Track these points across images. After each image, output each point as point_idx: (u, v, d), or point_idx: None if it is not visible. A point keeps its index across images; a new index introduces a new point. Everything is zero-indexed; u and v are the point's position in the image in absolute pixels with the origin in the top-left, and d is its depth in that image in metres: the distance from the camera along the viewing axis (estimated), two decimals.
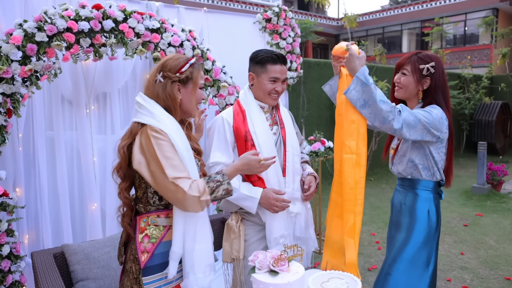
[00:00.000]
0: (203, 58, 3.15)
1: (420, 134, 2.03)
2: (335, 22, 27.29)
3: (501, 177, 7.26)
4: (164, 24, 2.97)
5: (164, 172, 1.58)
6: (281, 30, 4.10)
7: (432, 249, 2.16)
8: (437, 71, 2.13)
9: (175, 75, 1.75)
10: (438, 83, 2.13)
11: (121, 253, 1.87)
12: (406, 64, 2.18)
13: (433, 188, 2.19)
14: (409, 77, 2.16)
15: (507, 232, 5.32)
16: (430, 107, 2.11)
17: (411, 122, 1.98)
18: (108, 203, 3.26)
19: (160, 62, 1.79)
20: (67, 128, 3.18)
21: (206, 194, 1.64)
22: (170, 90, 1.74)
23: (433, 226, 2.16)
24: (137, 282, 1.73)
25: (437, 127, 2.04)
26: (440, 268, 4.23)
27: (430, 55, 2.17)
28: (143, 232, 1.74)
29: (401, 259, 2.12)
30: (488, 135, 11.30)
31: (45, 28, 2.46)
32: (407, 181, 2.23)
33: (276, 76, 2.19)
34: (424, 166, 2.15)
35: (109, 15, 2.70)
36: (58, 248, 2.66)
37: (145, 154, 1.62)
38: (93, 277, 2.53)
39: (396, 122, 1.95)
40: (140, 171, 1.63)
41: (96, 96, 3.26)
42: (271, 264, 1.57)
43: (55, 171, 3.09)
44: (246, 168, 1.81)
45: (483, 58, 19.92)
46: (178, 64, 1.76)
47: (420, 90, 2.17)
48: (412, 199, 2.20)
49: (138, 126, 1.70)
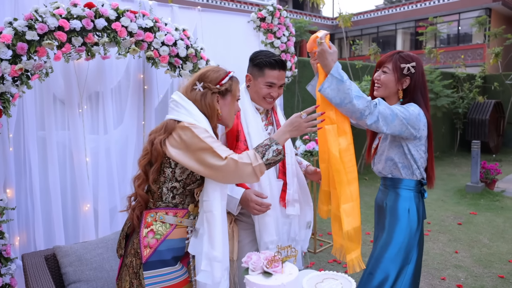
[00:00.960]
0: (196, 57, 3.12)
1: (398, 129, 2.02)
2: (330, 22, 27.31)
3: (494, 175, 7.31)
4: (157, 23, 2.94)
5: (217, 154, 1.65)
6: (276, 29, 4.08)
7: (413, 248, 2.14)
8: (417, 71, 2.14)
9: (215, 87, 1.83)
10: (418, 83, 2.14)
11: (121, 246, 1.88)
12: (387, 62, 2.18)
13: (414, 187, 2.18)
14: (389, 75, 2.16)
15: (500, 230, 5.35)
16: (408, 105, 2.11)
17: (388, 116, 1.98)
18: (101, 204, 3.23)
19: (200, 72, 1.87)
20: (59, 128, 3.14)
21: (258, 159, 1.69)
22: (210, 100, 1.82)
23: (413, 226, 2.14)
24: (137, 277, 1.73)
25: (414, 123, 2.04)
26: (435, 266, 4.24)
27: (411, 55, 2.18)
28: (149, 227, 1.76)
29: (383, 259, 2.12)
30: (482, 134, 11.37)
31: (36, 26, 2.42)
32: (388, 180, 2.23)
33: (272, 82, 2.16)
34: (403, 165, 2.14)
35: (102, 13, 2.67)
36: (49, 250, 2.63)
37: (187, 146, 1.69)
38: (86, 279, 2.50)
39: (371, 116, 1.94)
40: (184, 162, 1.69)
41: (89, 96, 3.23)
42: (264, 266, 1.56)
43: (47, 172, 3.06)
44: (293, 128, 1.83)
45: (476, 57, 20.02)
46: (219, 77, 1.84)
47: (399, 89, 2.17)
48: (393, 198, 2.19)
49: (175, 123, 1.76)
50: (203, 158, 1.67)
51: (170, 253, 1.76)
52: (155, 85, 3.49)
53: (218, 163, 1.65)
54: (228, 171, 1.66)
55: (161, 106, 3.65)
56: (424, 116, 2.10)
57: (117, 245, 1.92)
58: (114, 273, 2.60)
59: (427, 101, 2.18)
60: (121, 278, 1.83)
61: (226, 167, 1.65)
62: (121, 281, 1.83)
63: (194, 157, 1.68)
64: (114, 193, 3.30)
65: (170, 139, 1.74)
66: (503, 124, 12.34)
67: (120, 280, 1.85)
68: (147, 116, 3.47)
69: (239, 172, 1.66)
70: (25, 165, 2.97)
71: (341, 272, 1.78)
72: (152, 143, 1.77)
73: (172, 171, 1.77)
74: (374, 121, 1.95)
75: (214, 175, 1.69)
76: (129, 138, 3.40)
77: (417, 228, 2.15)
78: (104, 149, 3.23)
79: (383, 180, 2.29)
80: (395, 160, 2.15)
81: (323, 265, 4.30)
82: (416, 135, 2.07)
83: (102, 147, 3.23)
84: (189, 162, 1.69)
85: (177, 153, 1.70)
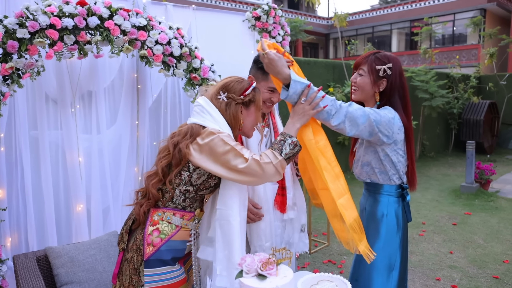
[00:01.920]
0: (191, 56, 3.09)
1: (366, 132, 1.94)
2: (325, 21, 27.35)
3: (489, 176, 7.34)
4: (151, 22, 2.91)
5: (240, 155, 1.68)
6: (271, 29, 4.05)
7: (395, 253, 2.08)
8: (394, 72, 2.05)
9: (240, 98, 1.85)
10: (395, 85, 2.06)
11: (124, 240, 1.87)
12: (363, 64, 2.10)
13: (394, 192, 2.10)
14: (365, 78, 2.08)
15: (494, 231, 5.36)
16: (382, 108, 2.04)
17: (358, 118, 1.89)
18: (94, 204, 3.20)
19: (224, 82, 1.89)
20: (52, 128, 3.10)
21: (277, 156, 1.72)
22: (234, 111, 1.85)
23: (392, 231, 2.07)
24: (137, 273, 1.75)
25: (385, 128, 1.95)
26: (429, 267, 4.24)
27: (388, 55, 2.09)
28: (155, 225, 1.77)
29: (365, 265, 2.05)
30: (476, 134, 11.41)
31: (27, 24, 2.38)
32: (368, 185, 2.17)
33: (275, 87, 2.10)
34: (380, 170, 2.07)
35: (94, 11, 2.63)
36: (41, 251, 2.61)
37: (212, 150, 1.71)
38: (78, 281, 2.48)
39: (337, 116, 1.87)
40: (207, 167, 1.72)
41: (82, 95, 3.19)
42: (259, 268, 1.53)
43: (39, 172, 3.02)
44: (300, 116, 1.82)
45: (471, 58, 20.10)
46: (243, 87, 1.87)
47: (376, 91, 2.09)
48: (371, 203, 2.14)
49: (200, 128, 1.78)
50: (227, 161, 1.69)
51: (170, 254, 1.77)
52: (148, 85, 3.46)
53: (241, 165, 1.67)
54: (251, 173, 1.68)
55: (155, 106, 3.62)
56: (400, 120, 2.01)
57: (119, 238, 1.92)
58: (106, 274, 2.58)
59: (407, 103, 2.09)
60: (122, 272, 1.85)
61: (250, 169, 1.67)
62: (122, 275, 1.85)
63: (218, 161, 1.71)
64: (107, 193, 3.27)
65: (194, 144, 1.75)
66: (498, 124, 12.40)
67: (121, 274, 1.86)
68: (140, 115, 3.44)
69: (263, 172, 1.69)
70: (17, 165, 2.93)
71: (336, 272, 1.76)
72: (175, 146, 1.78)
73: (189, 175, 1.78)
74: (339, 122, 1.88)
75: (238, 178, 1.71)
76: (123, 138, 3.37)
77: (396, 233, 2.08)
78: (97, 149, 3.19)
79: (364, 184, 2.22)
80: (372, 165, 2.08)
81: (318, 266, 4.29)
82: (385, 140, 1.99)
83: (95, 147, 3.19)
84: (213, 166, 1.71)
85: (200, 158, 1.73)
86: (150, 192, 1.79)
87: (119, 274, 1.87)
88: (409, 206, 2.19)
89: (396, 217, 2.09)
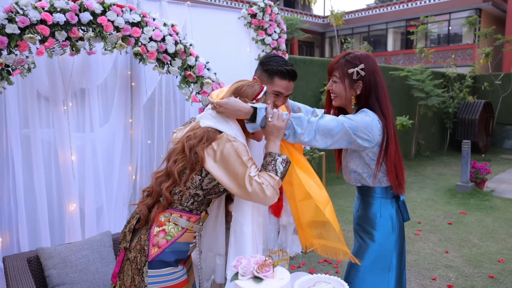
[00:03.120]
0: (186, 53, 3.04)
1: (344, 142, 1.89)
2: (321, 20, 27.34)
3: (484, 175, 7.34)
4: (145, 18, 2.86)
5: (248, 168, 1.69)
6: (267, 26, 4.01)
7: (390, 254, 2.04)
8: (367, 72, 1.97)
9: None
10: (370, 85, 1.97)
11: (127, 239, 1.84)
12: (335, 69, 2.03)
13: (385, 194, 2.06)
14: (339, 84, 2.01)
15: (490, 230, 5.36)
16: (359, 112, 1.97)
17: (333, 129, 1.85)
18: (87, 204, 3.15)
19: (235, 87, 1.89)
20: (44, 126, 3.05)
21: (273, 177, 1.73)
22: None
23: (387, 232, 2.03)
24: (140, 273, 1.73)
25: (364, 132, 1.89)
26: (425, 266, 4.22)
27: (358, 56, 2.00)
28: (161, 226, 1.76)
29: (359, 267, 2.02)
30: (471, 134, 11.43)
31: (17, 19, 2.33)
32: (360, 188, 2.12)
33: (280, 91, 2.06)
34: (368, 174, 2.02)
35: (87, 7, 2.58)
36: (32, 252, 2.55)
37: (225, 161, 1.71)
38: (70, 282, 2.43)
39: (306, 134, 1.84)
40: (217, 175, 1.72)
41: (74, 93, 3.14)
42: (255, 270, 1.49)
43: (32, 171, 2.97)
44: (275, 134, 1.83)
45: (466, 57, 20.16)
46: (254, 92, 1.88)
47: (353, 95, 2.02)
48: (364, 206, 2.09)
49: (216, 133, 1.78)
50: (236, 175, 1.70)
51: (174, 256, 1.76)
52: (143, 82, 3.41)
53: (248, 186, 1.67)
54: (254, 196, 1.69)
55: (149, 104, 3.57)
56: (379, 121, 1.94)
57: (121, 237, 1.89)
58: (99, 275, 2.53)
59: (384, 102, 1.99)
60: (123, 272, 1.83)
61: (254, 193, 1.68)
62: (123, 275, 1.82)
63: (228, 173, 1.71)
64: (100, 192, 3.22)
65: (208, 149, 1.74)
66: (492, 124, 12.44)
67: (122, 274, 1.84)
68: (134, 114, 3.39)
69: (265, 196, 1.69)
70: (8, 164, 2.88)
71: (332, 272, 1.73)
72: (190, 149, 1.76)
73: (201, 180, 1.78)
74: (310, 138, 1.85)
75: (241, 194, 1.72)
76: (116, 137, 3.32)
77: (391, 234, 2.04)
78: (90, 148, 3.14)
79: (356, 188, 2.17)
80: (359, 171, 2.03)
81: (313, 265, 4.25)
82: (366, 145, 1.92)
83: (88, 146, 3.14)
84: (223, 177, 1.72)
85: (213, 166, 1.73)
86: (164, 195, 1.77)
87: (120, 273, 1.85)
88: (405, 205, 2.13)
89: (390, 218, 2.05)
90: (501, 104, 12.46)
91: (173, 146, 1.89)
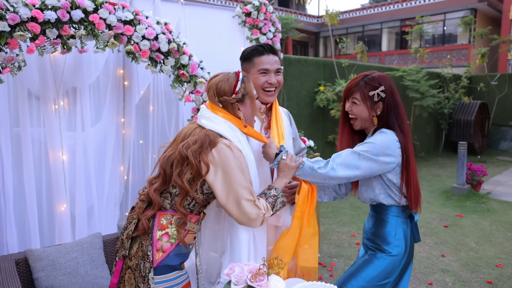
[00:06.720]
0: (179, 52, 3.00)
1: (370, 169, 1.95)
2: (315, 20, 27.32)
3: (480, 177, 7.29)
4: (138, 16, 2.81)
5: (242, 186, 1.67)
6: (261, 25, 3.97)
7: (394, 273, 2.02)
8: (387, 93, 2.01)
9: (232, 97, 1.79)
10: (390, 106, 2.02)
11: (125, 247, 1.75)
12: (355, 92, 2.05)
13: (401, 213, 2.06)
14: (360, 106, 2.04)
15: (487, 233, 5.31)
16: (377, 134, 2.01)
17: (352, 162, 1.93)
18: (78, 204, 3.10)
19: (212, 88, 1.82)
20: (35, 125, 3.00)
21: (269, 210, 1.76)
22: (232, 112, 1.82)
23: (399, 250, 2.02)
24: (145, 281, 1.65)
25: (386, 153, 1.94)
26: (421, 271, 4.18)
27: (377, 77, 2.04)
28: (164, 229, 1.70)
29: (358, 277, 2.01)
30: (467, 135, 11.42)
31: (7, 17, 2.28)
32: (374, 207, 2.13)
33: (265, 68, 2.05)
34: (386, 194, 2.04)
35: (78, 4, 2.53)
36: (21, 254, 2.50)
37: (225, 173, 1.68)
38: (58, 285, 2.38)
39: (324, 167, 1.94)
40: (214, 186, 1.69)
41: (66, 91, 3.09)
42: (248, 279, 1.44)
43: (21, 170, 2.92)
44: (286, 172, 1.91)
45: (461, 58, 20.19)
46: (231, 85, 1.79)
47: (374, 115, 2.05)
48: (379, 223, 2.09)
49: (216, 137, 1.73)
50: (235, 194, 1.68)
51: (179, 258, 1.73)
52: (135, 81, 3.36)
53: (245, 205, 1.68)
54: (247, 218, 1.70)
55: (142, 103, 3.52)
56: (398, 141, 1.98)
57: (119, 245, 1.80)
58: (89, 278, 2.48)
59: (403, 121, 2.06)
60: (124, 281, 1.75)
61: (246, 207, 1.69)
62: (124, 285, 1.75)
63: (226, 186, 1.68)
64: (91, 193, 3.17)
65: (210, 156, 1.69)
66: (488, 125, 12.43)
67: (122, 284, 1.76)
68: (127, 113, 3.34)
69: (253, 220, 1.70)
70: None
71: (326, 275, 1.69)
72: (195, 156, 1.68)
73: (202, 183, 1.74)
74: (329, 168, 1.93)
75: (230, 211, 1.70)
76: (108, 136, 3.27)
77: (403, 255, 2.03)
78: (81, 147, 3.10)
79: (370, 206, 2.18)
80: (376, 192, 2.06)
81: None
82: (392, 161, 1.96)
83: (79, 145, 3.09)
84: (219, 189, 1.69)
85: (215, 180, 1.69)
86: (178, 210, 1.71)
87: (120, 283, 1.77)
88: (417, 226, 2.15)
89: (404, 238, 2.05)
90: (497, 105, 12.47)
91: (166, 155, 1.79)
